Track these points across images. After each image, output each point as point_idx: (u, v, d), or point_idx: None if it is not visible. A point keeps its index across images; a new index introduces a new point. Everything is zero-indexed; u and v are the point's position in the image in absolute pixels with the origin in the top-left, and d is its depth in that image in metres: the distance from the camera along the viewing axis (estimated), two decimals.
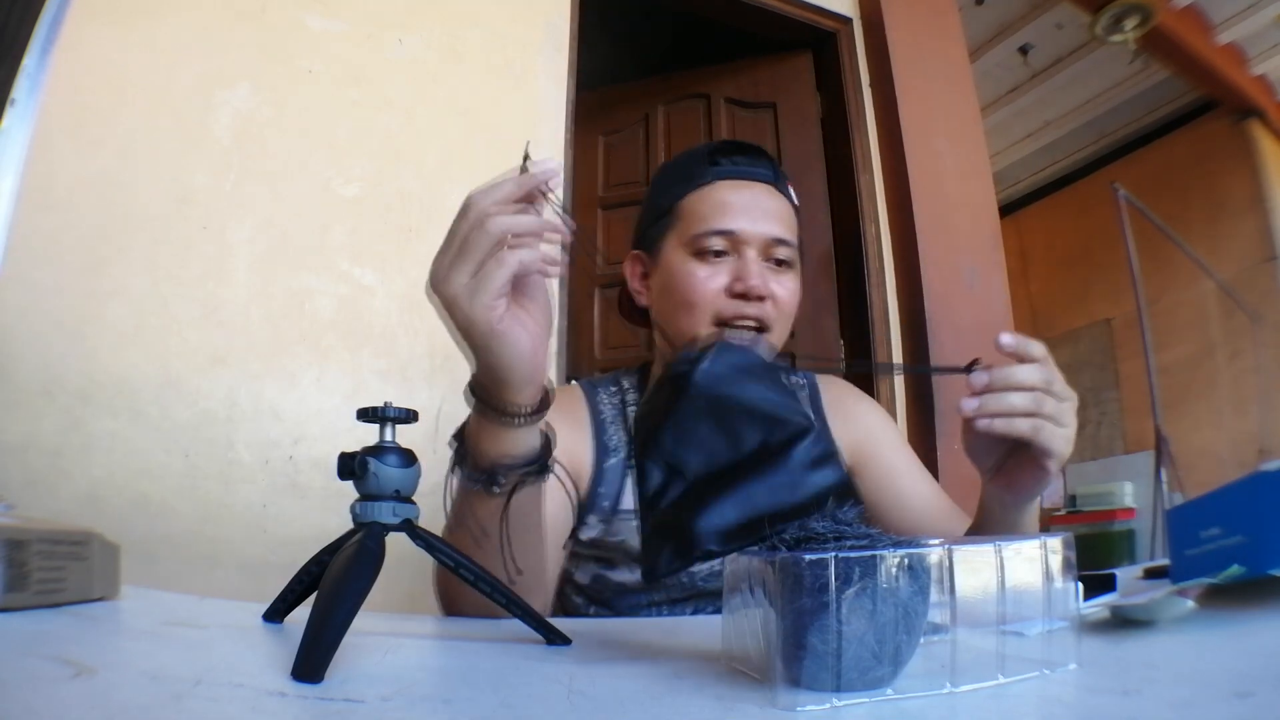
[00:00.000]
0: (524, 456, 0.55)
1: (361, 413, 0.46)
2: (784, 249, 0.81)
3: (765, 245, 0.80)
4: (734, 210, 0.80)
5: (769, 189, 0.83)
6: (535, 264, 0.50)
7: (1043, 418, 0.54)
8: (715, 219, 0.80)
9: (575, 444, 0.82)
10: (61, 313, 1.33)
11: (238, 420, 1.41)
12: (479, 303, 0.48)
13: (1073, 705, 0.32)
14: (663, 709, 0.32)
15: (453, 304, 0.49)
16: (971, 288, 2.17)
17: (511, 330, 0.51)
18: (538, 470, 0.56)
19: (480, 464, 0.55)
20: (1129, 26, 2.94)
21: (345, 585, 0.39)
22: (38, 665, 0.34)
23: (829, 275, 2.24)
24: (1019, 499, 0.62)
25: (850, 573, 0.31)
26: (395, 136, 1.67)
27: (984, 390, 0.54)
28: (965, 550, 0.34)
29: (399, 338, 1.57)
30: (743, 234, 0.79)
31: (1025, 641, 0.35)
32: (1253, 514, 0.51)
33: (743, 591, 0.36)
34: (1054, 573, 0.36)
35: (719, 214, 0.80)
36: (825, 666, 0.31)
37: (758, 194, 0.82)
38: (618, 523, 0.80)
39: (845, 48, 2.33)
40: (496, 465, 0.55)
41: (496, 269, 0.48)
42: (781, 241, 0.81)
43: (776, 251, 0.81)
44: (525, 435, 0.55)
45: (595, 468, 0.82)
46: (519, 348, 0.51)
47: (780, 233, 0.81)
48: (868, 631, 0.31)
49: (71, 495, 1.26)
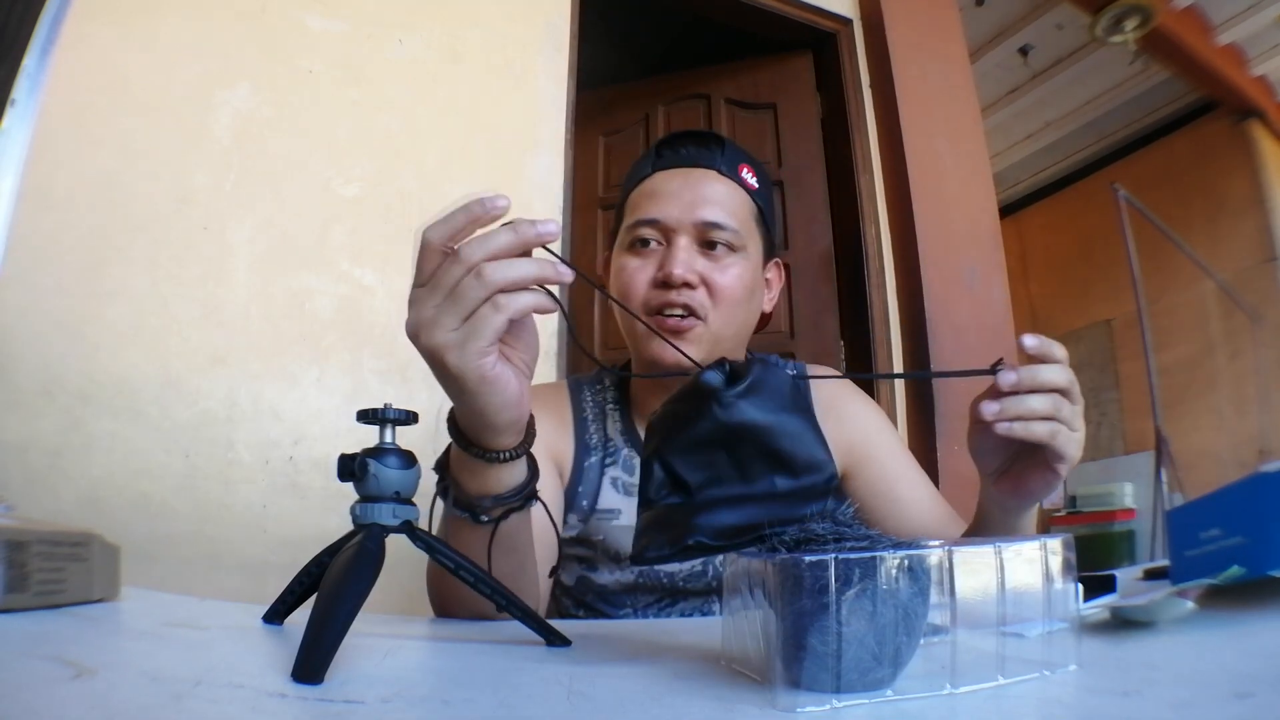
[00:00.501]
0: (509, 489, 0.55)
1: (361, 414, 0.46)
2: (720, 232, 0.78)
3: (696, 230, 0.78)
4: (663, 198, 0.79)
5: (710, 173, 0.80)
6: (536, 305, 0.46)
7: (1060, 421, 0.53)
8: (644, 209, 0.79)
9: (558, 441, 0.84)
10: (61, 313, 1.33)
11: (238, 420, 1.41)
12: (471, 351, 0.45)
13: (1073, 706, 0.32)
14: (663, 710, 0.32)
15: (439, 353, 0.46)
16: (971, 288, 2.17)
17: (501, 376, 0.48)
18: (522, 503, 0.56)
19: (464, 498, 0.55)
20: (1129, 27, 2.94)
21: (345, 587, 0.39)
22: (38, 666, 0.34)
23: (829, 276, 2.25)
24: (1024, 503, 0.61)
25: (850, 574, 0.31)
26: (395, 136, 1.67)
27: (1010, 391, 0.52)
28: (965, 551, 0.34)
29: (399, 338, 1.55)
30: (668, 220, 0.78)
31: (1025, 643, 0.35)
32: (1253, 515, 0.50)
33: (742, 593, 0.36)
34: (1054, 574, 0.36)
35: (649, 204, 0.79)
36: (825, 668, 0.31)
37: (693, 180, 0.79)
38: (595, 521, 0.81)
39: (845, 48, 2.33)
40: (481, 499, 0.54)
41: (492, 314, 0.44)
42: (714, 225, 0.78)
43: (711, 235, 0.78)
44: (510, 470, 0.54)
45: (575, 466, 0.84)
46: (507, 394, 0.49)
47: (712, 216, 0.78)
48: (868, 633, 0.31)
49: (71, 495, 1.26)
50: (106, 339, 1.35)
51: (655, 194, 0.80)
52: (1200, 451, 3.45)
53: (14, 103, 1.09)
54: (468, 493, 0.54)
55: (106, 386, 1.33)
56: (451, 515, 0.56)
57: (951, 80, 2.40)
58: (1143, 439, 3.64)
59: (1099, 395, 4.30)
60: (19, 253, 1.27)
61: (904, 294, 2.16)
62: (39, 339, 1.30)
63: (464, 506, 0.55)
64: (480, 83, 1.77)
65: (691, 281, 0.77)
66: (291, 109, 1.59)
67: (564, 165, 1.80)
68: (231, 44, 1.56)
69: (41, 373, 1.29)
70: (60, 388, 1.30)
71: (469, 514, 0.54)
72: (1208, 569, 0.51)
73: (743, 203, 0.81)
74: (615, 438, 0.86)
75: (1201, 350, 3.74)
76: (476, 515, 0.54)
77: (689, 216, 0.78)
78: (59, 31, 1.16)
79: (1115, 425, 4.18)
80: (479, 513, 0.54)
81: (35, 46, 1.10)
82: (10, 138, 1.10)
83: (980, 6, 3.26)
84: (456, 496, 0.55)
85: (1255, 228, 3.65)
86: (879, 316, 2.12)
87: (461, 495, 0.55)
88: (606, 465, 0.84)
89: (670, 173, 0.81)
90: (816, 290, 2.23)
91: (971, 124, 2.40)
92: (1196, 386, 3.70)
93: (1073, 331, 4.47)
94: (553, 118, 1.83)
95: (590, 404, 0.89)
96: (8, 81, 1.07)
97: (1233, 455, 3.47)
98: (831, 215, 2.28)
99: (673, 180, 0.80)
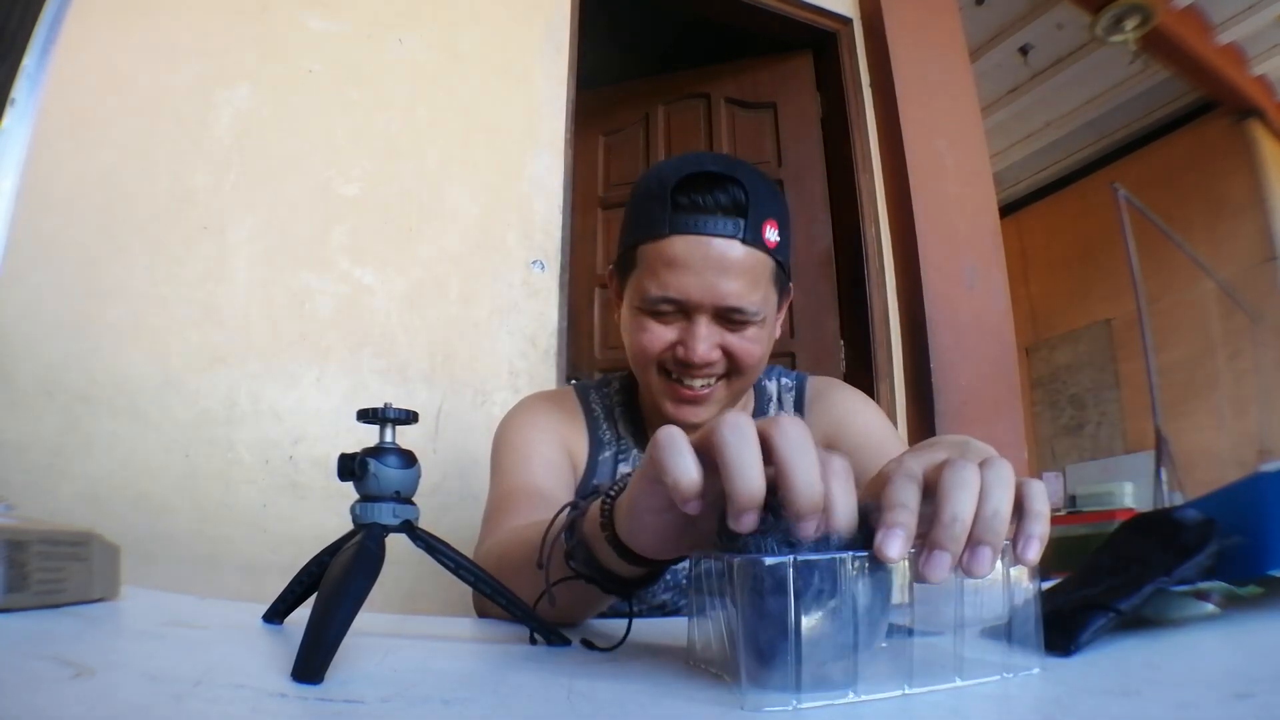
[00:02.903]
0: (614, 574, 0.47)
1: (361, 414, 0.46)
2: (741, 314, 0.76)
3: (717, 311, 0.76)
4: (682, 273, 0.75)
5: (733, 245, 0.75)
6: None
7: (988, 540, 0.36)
8: (665, 283, 0.75)
9: (571, 435, 0.88)
10: (61, 313, 1.33)
11: (238, 420, 1.41)
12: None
13: (1072, 705, 0.32)
14: (663, 710, 0.32)
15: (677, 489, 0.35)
16: (971, 288, 2.17)
17: None
18: (618, 592, 0.49)
19: (577, 553, 0.47)
20: (1129, 27, 2.94)
21: (345, 586, 0.39)
22: (38, 666, 0.34)
23: (829, 276, 2.25)
24: None
25: (810, 576, 0.31)
26: (395, 136, 1.67)
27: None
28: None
29: (399, 338, 1.57)
30: (689, 302, 0.76)
31: (987, 643, 0.36)
32: (1253, 514, 0.50)
33: (706, 593, 0.36)
34: (1017, 574, 0.36)
35: (668, 275, 0.75)
36: (786, 668, 0.31)
37: (715, 256, 0.74)
38: None
39: (845, 48, 2.33)
40: (589, 564, 0.47)
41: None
42: (736, 310, 0.76)
43: (733, 315, 0.76)
44: (628, 568, 0.46)
45: (590, 460, 0.88)
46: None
47: (735, 301, 0.75)
48: (828, 634, 0.31)
49: (71, 495, 1.26)
50: (106, 339, 1.35)
51: (674, 265, 0.75)
52: (1200, 451, 3.46)
53: (14, 103, 1.09)
54: (582, 532, 0.47)
55: (106, 386, 1.33)
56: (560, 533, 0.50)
57: (951, 80, 2.40)
58: (1143, 439, 3.65)
59: (1099, 395, 4.31)
60: (19, 253, 1.27)
61: (904, 294, 2.16)
62: (39, 339, 1.30)
63: (569, 536, 0.48)
64: (480, 83, 1.77)
65: (712, 359, 0.77)
66: (291, 109, 1.59)
67: (564, 165, 1.80)
68: (231, 44, 1.56)
69: (41, 373, 1.29)
70: (60, 388, 1.30)
71: (566, 551, 0.48)
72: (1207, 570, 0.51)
73: (764, 268, 0.77)
74: (626, 436, 0.90)
75: (1201, 350, 3.74)
76: (569, 555, 0.48)
77: (710, 299, 0.75)
78: (59, 31, 1.16)
79: (1115, 425, 4.19)
80: (570, 556, 0.47)
81: (35, 46, 1.11)
82: (10, 138, 1.10)
83: (980, 6, 3.26)
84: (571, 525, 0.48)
85: (1255, 228, 3.65)
86: (879, 316, 2.12)
87: (578, 531, 0.48)
88: (620, 460, 0.88)
89: (689, 240, 0.75)
90: (816, 290, 2.23)
91: (971, 124, 2.40)
92: (1196, 386, 3.71)
93: (1073, 331, 4.47)
94: (553, 117, 1.83)
95: (599, 405, 0.92)
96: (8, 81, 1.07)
97: (1233, 455, 3.47)
98: (831, 215, 2.28)
99: (692, 252, 0.74)
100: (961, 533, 0.33)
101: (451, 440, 1.54)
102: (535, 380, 1.65)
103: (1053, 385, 4.59)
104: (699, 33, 3.01)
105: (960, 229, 2.22)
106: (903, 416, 2.05)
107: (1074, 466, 4.27)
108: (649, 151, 2.53)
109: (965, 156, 2.32)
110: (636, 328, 0.80)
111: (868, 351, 2.10)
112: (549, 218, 1.76)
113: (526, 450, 0.84)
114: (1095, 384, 4.33)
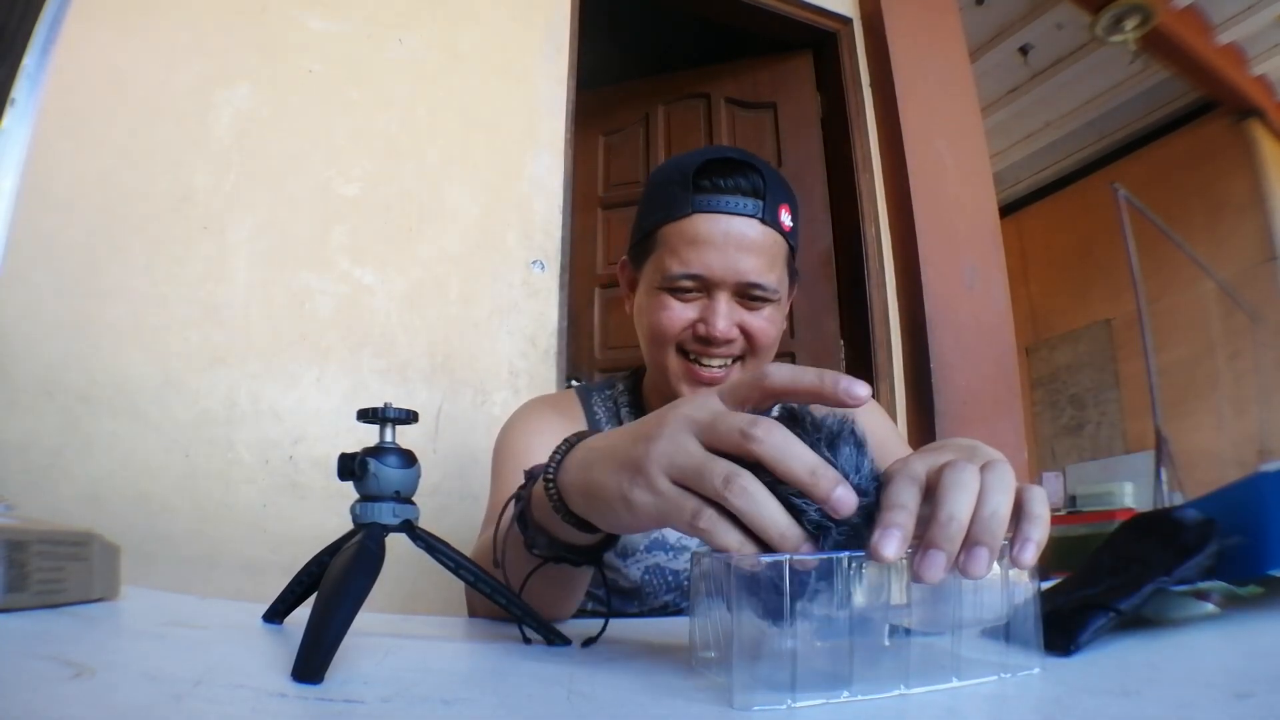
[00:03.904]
0: (573, 545, 0.48)
1: (361, 414, 0.46)
2: (760, 290, 0.79)
3: (738, 287, 0.79)
4: (704, 249, 0.77)
5: (752, 223, 0.78)
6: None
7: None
8: (687, 260, 0.78)
9: None
10: (61, 313, 1.33)
11: (238, 420, 1.41)
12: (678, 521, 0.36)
13: (1073, 705, 0.32)
14: (663, 710, 0.32)
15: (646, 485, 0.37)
16: (971, 288, 2.17)
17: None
18: (577, 562, 0.49)
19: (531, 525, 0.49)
20: (1129, 27, 2.94)
21: (345, 586, 0.39)
22: (38, 665, 0.34)
23: (829, 276, 2.25)
24: None
25: (806, 575, 0.31)
26: (395, 136, 1.67)
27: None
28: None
29: (399, 338, 1.57)
30: (710, 277, 0.78)
31: (986, 643, 0.35)
32: (1253, 514, 0.50)
33: (704, 593, 0.36)
34: (1016, 575, 0.36)
35: (689, 253, 0.78)
36: (781, 668, 0.31)
37: (735, 232, 0.77)
38: None
39: (845, 48, 2.33)
40: (539, 534, 0.48)
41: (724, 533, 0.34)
42: (756, 285, 0.78)
43: (752, 292, 0.79)
44: (583, 536, 0.47)
45: None
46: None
47: (755, 278, 0.78)
48: (824, 633, 0.31)
49: (71, 495, 1.26)
50: (106, 339, 1.35)
51: (696, 242, 0.78)
52: (1200, 451, 3.46)
53: (14, 103, 1.09)
54: (534, 519, 0.48)
55: (106, 386, 1.33)
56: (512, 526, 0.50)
57: (951, 80, 2.40)
58: (1143, 439, 3.65)
59: (1099, 395, 4.31)
60: (19, 253, 1.27)
61: (904, 294, 2.16)
62: (39, 339, 1.30)
63: (524, 527, 0.49)
64: (480, 83, 1.77)
65: (732, 337, 0.79)
66: (291, 109, 1.59)
67: (564, 165, 1.80)
68: (231, 44, 1.56)
69: (41, 373, 1.29)
70: (60, 388, 1.30)
71: (525, 541, 0.49)
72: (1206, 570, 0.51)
73: (780, 250, 0.81)
74: None
75: (1201, 350, 3.74)
76: (529, 545, 0.48)
77: (731, 275, 0.78)
78: (59, 31, 1.16)
79: (1115, 425, 4.19)
80: (531, 545, 0.48)
81: (35, 46, 1.11)
82: (10, 138, 1.10)
83: (980, 6, 3.26)
84: (521, 515, 0.49)
85: (1255, 228, 3.65)
86: (879, 316, 2.12)
87: (530, 520, 0.48)
88: None
89: (711, 218, 0.78)
90: (816, 290, 2.23)
91: (971, 124, 2.40)
92: (1196, 386, 3.71)
93: (1073, 331, 4.48)
94: (553, 117, 1.83)
95: (601, 408, 0.92)
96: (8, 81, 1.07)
97: (1233, 455, 3.47)
98: (831, 215, 2.28)
99: (714, 229, 0.78)
100: (958, 533, 0.33)
101: (451, 440, 1.54)
102: (535, 380, 1.65)
103: (1053, 385, 4.59)
104: (699, 33, 3.01)
105: (960, 229, 2.22)
106: (903, 417, 2.05)
107: (1074, 466, 4.27)
108: (649, 151, 2.53)
109: (965, 156, 2.32)
110: (657, 307, 0.81)
111: (868, 351, 2.10)
112: (549, 218, 1.76)
113: (526, 457, 0.84)
114: (1095, 384, 4.33)
